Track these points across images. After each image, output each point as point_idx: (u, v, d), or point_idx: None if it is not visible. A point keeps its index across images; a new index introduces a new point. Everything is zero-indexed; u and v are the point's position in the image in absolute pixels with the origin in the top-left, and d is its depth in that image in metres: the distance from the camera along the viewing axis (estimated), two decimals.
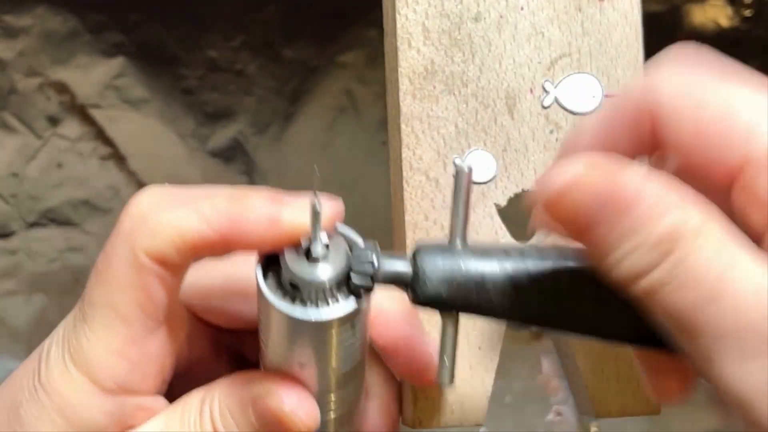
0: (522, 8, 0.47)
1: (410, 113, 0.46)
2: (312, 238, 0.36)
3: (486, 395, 0.45)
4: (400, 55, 0.46)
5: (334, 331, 0.37)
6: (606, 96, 0.47)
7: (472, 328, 0.45)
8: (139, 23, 0.81)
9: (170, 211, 0.38)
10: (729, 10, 0.87)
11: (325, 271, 0.36)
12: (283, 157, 0.85)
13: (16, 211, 0.81)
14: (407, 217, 0.45)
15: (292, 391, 0.39)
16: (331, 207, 0.38)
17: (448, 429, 0.46)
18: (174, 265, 0.38)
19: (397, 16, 0.46)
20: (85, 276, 0.82)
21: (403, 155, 0.46)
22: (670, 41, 0.88)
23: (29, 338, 0.80)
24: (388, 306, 0.42)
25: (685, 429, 0.88)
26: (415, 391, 0.45)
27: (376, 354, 0.44)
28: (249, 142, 0.84)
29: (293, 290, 0.36)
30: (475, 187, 0.46)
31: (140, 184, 0.82)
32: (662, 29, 0.85)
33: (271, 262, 0.37)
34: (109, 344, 0.39)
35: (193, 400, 0.41)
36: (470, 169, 0.37)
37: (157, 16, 0.81)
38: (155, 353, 0.40)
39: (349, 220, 0.89)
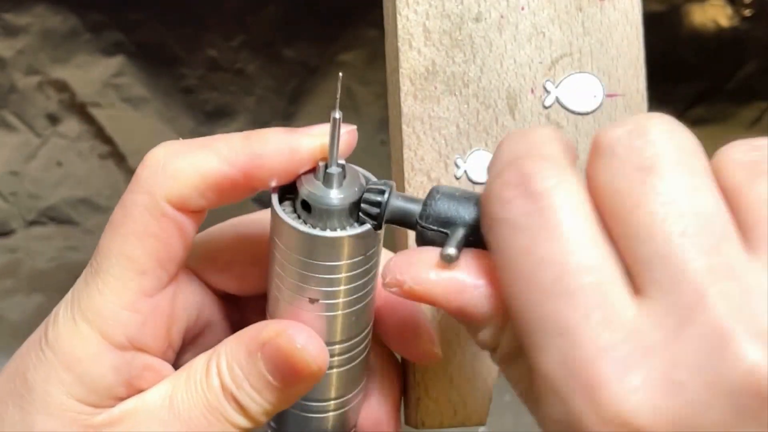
0: (523, 8, 0.47)
1: (411, 114, 0.46)
2: (329, 149, 0.37)
3: (488, 395, 0.45)
4: (401, 56, 0.46)
5: (344, 258, 0.37)
6: (607, 96, 0.47)
7: None
8: (139, 22, 0.81)
9: (189, 156, 0.38)
10: (729, 10, 0.87)
11: (337, 193, 0.37)
12: None
13: (15, 209, 0.81)
14: None
15: (302, 329, 0.39)
16: (348, 129, 0.39)
17: (448, 429, 0.46)
18: (195, 210, 0.39)
19: (398, 16, 0.46)
20: None
21: (405, 156, 0.46)
22: (670, 41, 0.89)
23: (29, 336, 0.79)
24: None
25: None
26: (418, 391, 0.45)
27: (378, 339, 0.44)
28: None
29: (306, 213, 0.37)
30: (477, 188, 0.46)
31: None
32: (662, 29, 0.86)
33: (286, 196, 0.38)
34: (121, 296, 0.38)
35: (198, 360, 0.41)
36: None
37: (157, 16, 0.82)
38: (166, 310, 0.40)
39: None
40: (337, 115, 0.36)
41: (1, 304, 0.80)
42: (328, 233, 0.37)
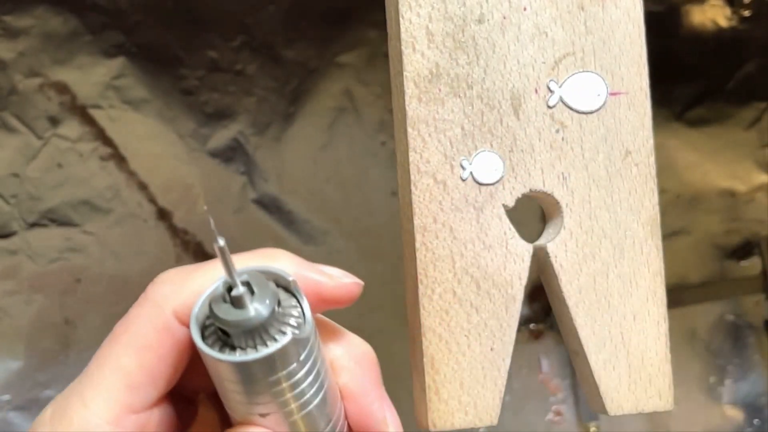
0: (525, 9, 0.47)
1: (416, 117, 0.46)
2: (226, 273, 0.34)
3: (499, 396, 0.45)
4: (405, 59, 0.46)
5: (279, 370, 0.35)
6: (611, 94, 0.47)
7: (484, 328, 0.45)
8: (140, 24, 0.81)
9: (199, 271, 0.38)
10: (728, 11, 0.88)
11: (250, 311, 0.34)
12: (283, 157, 0.85)
13: (16, 211, 0.81)
14: (416, 221, 0.45)
15: None
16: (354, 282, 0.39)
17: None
18: None
19: (401, 20, 0.46)
20: (86, 276, 0.83)
21: (410, 158, 0.45)
22: (669, 41, 0.89)
23: (29, 338, 0.80)
24: (339, 355, 0.41)
25: (685, 429, 0.88)
26: (428, 393, 0.45)
27: None
28: (249, 143, 0.84)
29: (227, 337, 0.35)
30: (483, 189, 0.46)
31: (140, 184, 0.82)
32: (662, 29, 0.86)
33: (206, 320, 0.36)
34: (107, 410, 0.37)
35: None
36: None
37: (157, 17, 0.82)
38: (149, 430, 0.39)
39: (350, 221, 0.90)
40: (221, 243, 0.33)
41: (1, 306, 0.80)
42: (253, 356, 0.34)
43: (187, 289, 0.38)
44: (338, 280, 0.39)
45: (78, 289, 0.81)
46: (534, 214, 0.52)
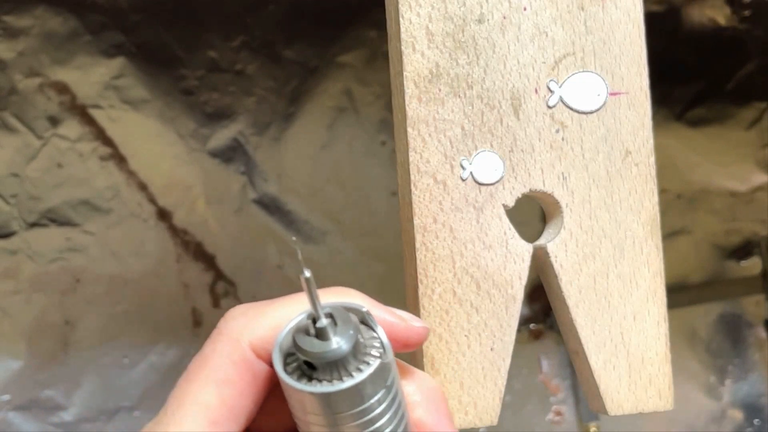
0: (525, 9, 0.47)
1: (416, 117, 0.46)
2: (311, 305, 0.35)
3: (499, 396, 0.46)
4: (405, 59, 0.46)
5: (367, 399, 0.36)
6: (611, 94, 0.47)
7: (484, 328, 0.45)
8: (139, 23, 0.81)
9: (272, 305, 0.38)
10: (728, 11, 0.88)
11: (334, 343, 0.35)
12: (283, 157, 0.85)
13: (16, 211, 0.81)
14: (416, 221, 0.45)
15: None
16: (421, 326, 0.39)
17: None
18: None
19: (401, 20, 0.46)
20: (86, 276, 0.83)
21: (411, 158, 0.45)
22: (669, 41, 0.89)
23: (29, 338, 0.80)
24: (412, 391, 0.41)
25: (685, 429, 0.88)
26: None
27: None
28: (249, 143, 0.84)
29: (312, 370, 0.35)
30: (483, 189, 0.46)
31: (140, 184, 0.82)
32: (662, 29, 0.86)
33: (287, 357, 0.37)
34: None
35: None
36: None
37: (157, 16, 0.82)
38: None
39: (350, 221, 0.90)
40: (308, 275, 0.34)
41: (1, 306, 0.80)
42: (342, 385, 0.35)
43: (262, 324, 0.38)
44: (410, 323, 0.40)
45: (78, 289, 0.81)
46: (534, 214, 0.52)
